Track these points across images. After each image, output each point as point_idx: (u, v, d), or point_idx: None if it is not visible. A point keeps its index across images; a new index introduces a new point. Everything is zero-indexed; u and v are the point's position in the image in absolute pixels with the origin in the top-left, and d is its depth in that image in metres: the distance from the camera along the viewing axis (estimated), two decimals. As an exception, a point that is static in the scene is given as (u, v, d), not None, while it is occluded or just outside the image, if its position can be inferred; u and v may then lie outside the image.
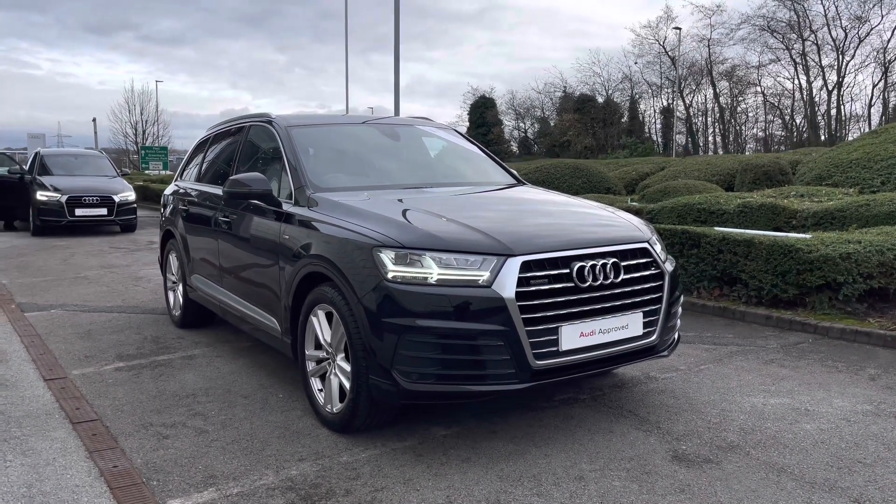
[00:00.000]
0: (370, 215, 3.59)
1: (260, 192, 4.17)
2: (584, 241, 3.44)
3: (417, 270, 3.19)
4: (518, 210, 4.08)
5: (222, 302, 4.97)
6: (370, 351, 3.26)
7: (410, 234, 3.32)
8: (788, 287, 5.87)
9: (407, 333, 3.14)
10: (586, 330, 3.31)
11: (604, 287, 3.37)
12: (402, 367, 3.17)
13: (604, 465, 3.21)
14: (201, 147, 6.03)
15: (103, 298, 7.37)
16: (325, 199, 3.92)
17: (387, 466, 3.22)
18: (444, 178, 4.81)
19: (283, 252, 4.00)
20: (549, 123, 57.26)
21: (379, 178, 4.56)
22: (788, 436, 3.52)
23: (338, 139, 4.82)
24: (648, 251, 3.65)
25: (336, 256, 3.50)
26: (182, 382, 4.50)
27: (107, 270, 9.36)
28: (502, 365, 3.15)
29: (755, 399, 4.05)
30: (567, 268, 3.29)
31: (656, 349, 3.66)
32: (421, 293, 3.14)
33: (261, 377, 4.58)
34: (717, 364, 4.74)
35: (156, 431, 3.68)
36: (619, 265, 3.44)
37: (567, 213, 4.05)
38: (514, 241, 3.27)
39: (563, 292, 3.26)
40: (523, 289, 3.16)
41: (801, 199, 8.87)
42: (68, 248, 11.92)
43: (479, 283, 3.15)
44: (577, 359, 3.30)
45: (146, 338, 5.66)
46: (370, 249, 3.30)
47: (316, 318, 3.70)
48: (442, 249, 3.21)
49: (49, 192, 13.41)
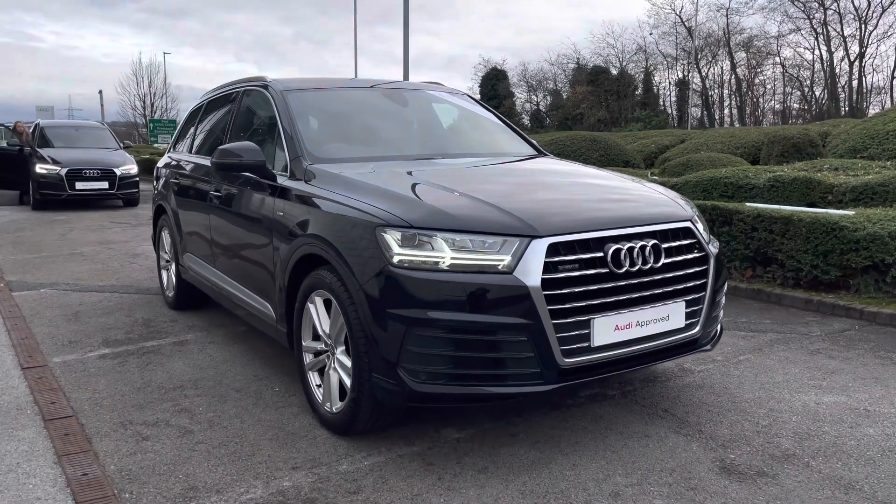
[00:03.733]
0: (374, 190, 3.15)
1: (252, 164, 3.73)
2: (619, 219, 2.99)
3: (427, 254, 2.75)
4: (542, 184, 3.61)
5: (214, 284, 4.56)
6: (373, 345, 2.84)
7: (419, 211, 2.88)
8: (830, 268, 5.40)
9: (415, 327, 2.71)
10: (622, 323, 2.87)
11: (642, 273, 2.93)
12: (410, 365, 2.74)
13: (641, 477, 2.79)
14: (194, 116, 5.59)
15: (97, 277, 6.99)
16: (324, 172, 3.48)
17: (392, 478, 2.81)
18: (458, 148, 4.35)
19: (278, 231, 3.57)
20: (561, 96, 56.22)
21: (385, 149, 4.10)
22: (850, 442, 3.08)
23: (340, 105, 4.35)
24: (692, 231, 3.19)
25: (334, 237, 3.07)
26: (170, 372, 4.11)
27: (104, 247, 8.98)
28: (525, 363, 2.72)
29: (806, 397, 3.61)
30: (601, 251, 2.85)
31: (699, 343, 3.23)
32: (431, 280, 2.71)
33: (256, 367, 4.18)
34: (757, 354, 4.30)
35: (135, 431, 3.29)
36: (660, 247, 2.99)
37: (598, 187, 3.59)
38: (540, 220, 2.83)
39: (597, 279, 2.82)
40: (550, 275, 2.72)
41: (835, 173, 8.33)
42: (68, 222, 11.56)
43: (499, 269, 2.72)
44: (610, 355, 2.87)
45: (137, 321, 5.27)
46: (373, 229, 2.86)
47: (313, 305, 3.28)
48: (456, 230, 2.77)
49: (48, 164, 13.01)
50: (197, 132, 5.38)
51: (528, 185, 3.53)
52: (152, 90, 53.16)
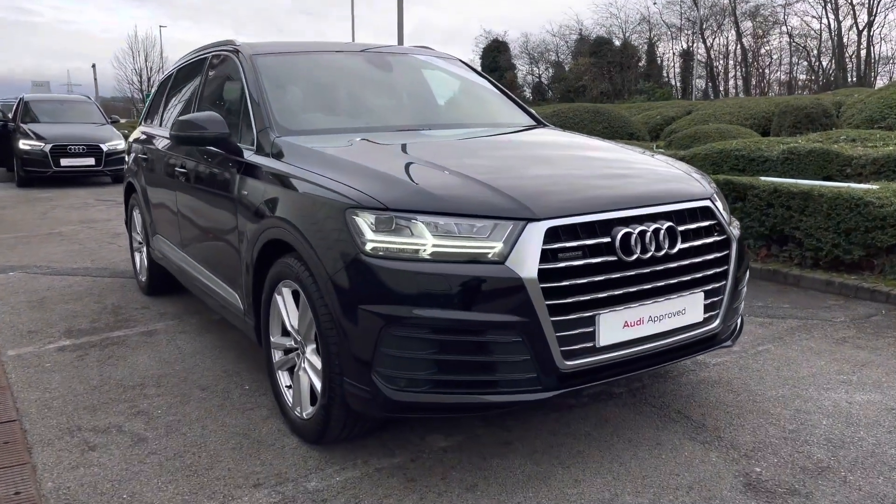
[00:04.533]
0: (347, 165, 2.75)
1: (215, 136, 3.31)
2: (629, 198, 2.58)
3: (405, 240, 2.35)
4: (540, 158, 3.19)
5: (183, 270, 4.17)
6: (344, 346, 2.45)
7: (397, 190, 2.48)
8: (853, 247, 4.99)
9: (391, 326, 2.32)
10: (632, 318, 2.48)
11: (656, 260, 2.53)
12: (385, 370, 2.36)
13: (655, 496, 2.42)
14: (164, 85, 5.15)
15: (72, 258, 6.60)
16: (294, 146, 3.07)
17: (367, 497, 2.45)
18: (448, 118, 3.93)
19: (243, 212, 3.17)
20: (563, 68, 55.33)
21: (365, 119, 3.68)
22: (891, 451, 2.71)
23: (316, 71, 3.92)
24: (712, 211, 2.79)
25: (301, 220, 2.67)
26: (132, 367, 3.73)
27: (85, 225, 8.59)
28: (520, 368, 2.34)
29: (836, 395, 3.23)
30: (608, 235, 2.45)
31: (718, 338, 2.84)
32: (410, 271, 2.31)
33: (227, 361, 3.81)
34: (778, 344, 3.92)
35: (82, 439, 2.93)
36: (676, 230, 2.59)
37: (604, 161, 3.17)
38: (536, 200, 2.42)
39: (603, 269, 2.42)
40: (549, 265, 2.32)
41: (852, 145, 7.88)
42: (52, 200, 11.16)
43: (489, 258, 2.32)
44: (618, 356, 2.48)
45: (105, 307, 4.89)
46: (342, 211, 2.46)
47: (281, 297, 2.89)
48: (439, 212, 2.37)
49: (32, 140, 12.56)
50: (167, 103, 4.95)
51: (525, 160, 3.12)
52: (148, 64, 52.24)
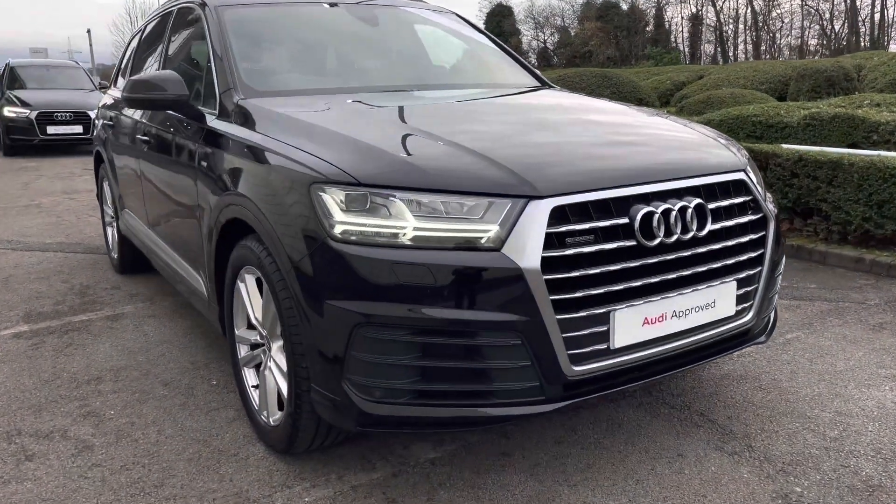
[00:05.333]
0: (316, 132, 2.33)
1: (172, 99, 2.89)
2: (651, 170, 2.16)
3: (382, 222, 1.95)
4: (545, 123, 2.74)
5: (150, 248, 3.79)
6: (311, 348, 2.06)
7: (372, 161, 2.06)
8: (886, 221, 4.57)
9: (364, 326, 1.93)
10: (653, 314, 2.08)
11: (682, 245, 2.12)
12: (358, 377, 1.97)
13: (677, 525, 2.05)
14: (133, 44, 4.71)
15: (47, 232, 6.22)
16: (259, 109, 2.65)
17: (339, 525, 2.08)
18: (440, 78, 3.49)
19: (203, 186, 2.76)
20: (569, 33, 54.10)
21: (347, 79, 3.25)
22: (952, 465, 2.33)
23: (291, 24, 3.47)
24: (746, 185, 2.37)
25: (261, 196, 2.26)
26: (91, 358, 3.36)
27: (66, 196, 8.19)
28: (519, 375, 1.95)
29: (879, 392, 2.84)
30: (625, 215, 2.04)
31: (751, 333, 2.44)
32: (387, 260, 1.91)
33: (196, 350, 3.43)
34: (808, 331, 3.52)
35: (21, 447, 2.56)
36: (706, 208, 2.17)
37: (620, 126, 2.72)
38: (540, 173, 2.01)
39: (620, 256, 2.02)
40: (554, 252, 1.92)
41: (878, 110, 7.39)
42: (37, 169, 10.75)
43: (483, 244, 1.92)
44: (636, 358, 2.09)
45: (73, 288, 4.51)
46: (307, 186, 2.05)
47: (244, 284, 2.50)
48: (422, 188, 1.96)
49: (17, 107, 12.10)
50: (135, 63, 4.51)
51: (527, 126, 2.67)
52: (146, 30, 51.15)
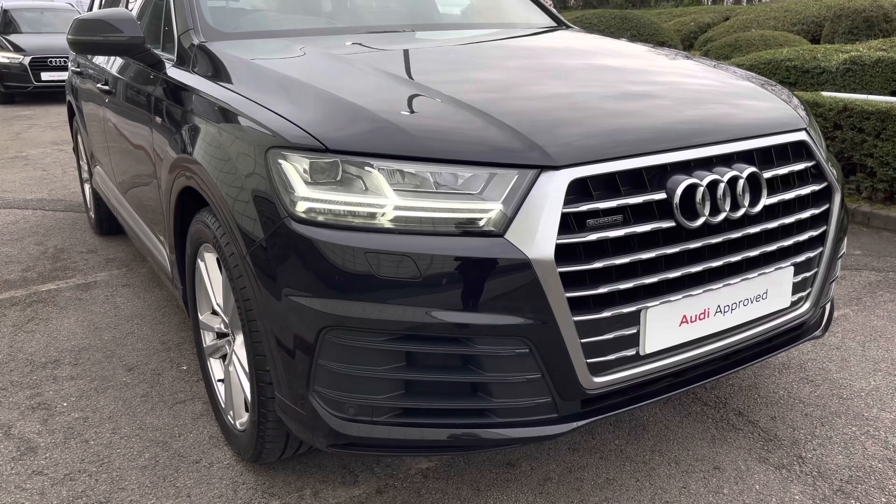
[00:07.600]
0: (283, 83, 1.91)
1: (125, 43, 2.46)
2: (694, 130, 1.73)
3: (356, 199, 1.54)
4: (562, 71, 2.23)
5: (118, 211, 3.41)
6: (272, 350, 1.69)
7: (343, 120, 1.65)
8: (940, 179, 4.11)
9: (334, 330, 1.55)
10: (693, 311, 1.68)
11: (731, 225, 1.71)
12: (328, 391, 1.60)
13: (716, 565, 1.70)
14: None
15: (29, 188, 5.85)
16: (221, 54, 2.22)
17: (309, 559, 1.75)
18: (440, 17, 3.03)
19: (158, 146, 2.36)
20: (587, -28, 52.21)
21: (331, 18, 2.80)
22: None
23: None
24: (808, 147, 1.94)
25: (212, 163, 1.86)
26: (53, 335, 3.03)
27: (55, 148, 7.80)
28: (527, 390, 1.57)
29: (946, 388, 2.45)
30: (662, 189, 1.62)
31: (805, 327, 2.04)
32: (361, 248, 1.51)
33: (169, 328, 3.09)
34: (857, 308, 3.12)
35: (-45, 447, 2.24)
36: (760, 178, 1.75)
37: (653, 75, 2.21)
38: (555, 135, 1.59)
39: (653, 241, 1.61)
40: (572, 238, 1.51)
41: (924, 53, 6.78)
42: (31, 118, 10.33)
43: (482, 227, 1.51)
44: (671, 364, 1.70)
45: (46, 251, 4.17)
46: (263, 151, 1.65)
47: (204, 264, 2.12)
48: (406, 155, 1.55)
49: (10, 52, 11.61)
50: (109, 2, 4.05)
51: (539, 74, 2.20)
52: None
